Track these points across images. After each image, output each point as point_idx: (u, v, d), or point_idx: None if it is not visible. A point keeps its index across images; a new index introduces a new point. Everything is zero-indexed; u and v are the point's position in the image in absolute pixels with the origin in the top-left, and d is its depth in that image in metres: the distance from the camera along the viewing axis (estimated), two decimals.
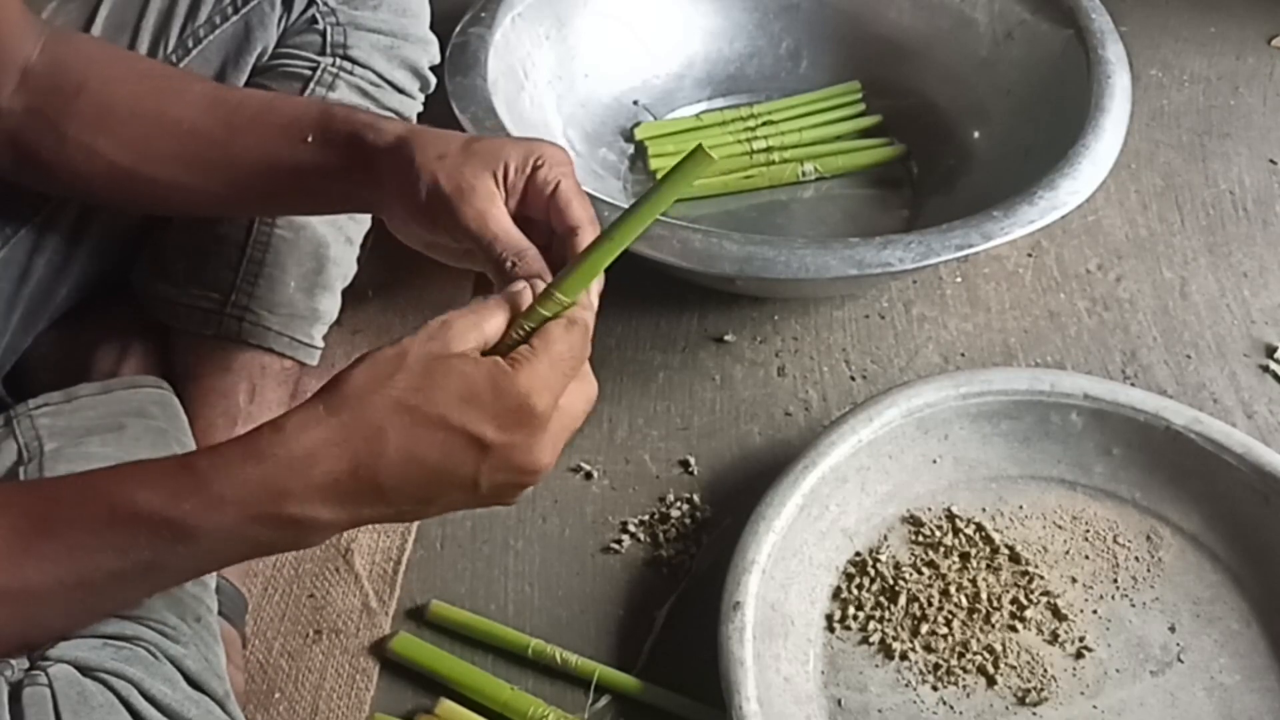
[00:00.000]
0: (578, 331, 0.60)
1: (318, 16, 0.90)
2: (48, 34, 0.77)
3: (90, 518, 0.56)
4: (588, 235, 0.66)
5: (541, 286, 0.62)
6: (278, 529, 0.56)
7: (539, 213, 0.68)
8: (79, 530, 0.55)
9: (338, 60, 0.91)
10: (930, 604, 0.90)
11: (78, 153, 0.76)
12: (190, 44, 0.89)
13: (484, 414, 0.56)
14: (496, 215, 0.66)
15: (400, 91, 0.94)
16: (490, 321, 0.60)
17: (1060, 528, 0.95)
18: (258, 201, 0.82)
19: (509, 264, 0.65)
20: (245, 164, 0.76)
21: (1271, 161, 1.32)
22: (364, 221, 0.96)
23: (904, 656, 0.87)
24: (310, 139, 0.74)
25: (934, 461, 0.97)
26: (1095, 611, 0.90)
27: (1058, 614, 0.90)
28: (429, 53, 0.96)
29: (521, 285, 0.62)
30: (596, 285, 0.63)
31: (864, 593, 0.91)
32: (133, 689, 0.56)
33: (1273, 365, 1.11)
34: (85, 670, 0.56)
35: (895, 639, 0.88)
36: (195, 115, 0.77)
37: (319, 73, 0.90)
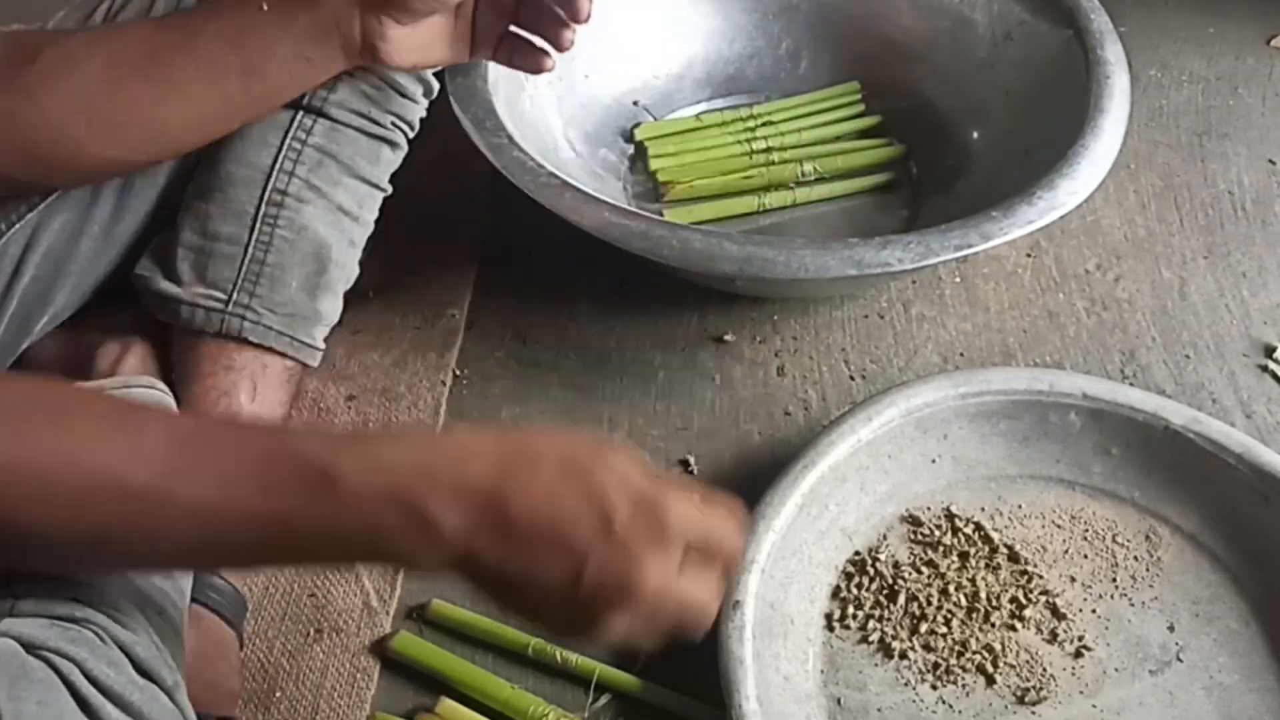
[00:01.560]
0: (733, 520, 0.62)
1: None
2: (11, 36, 0.78)
3: (254, 447, 0.56)
4: None
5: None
6: (408, 522, 0.56)
7: None
8: (236, 457, 0.56)
9: None
10: (929, 603, 0.90)
11: (46, 98, 0.77)
12: None
13: (626, 496, 0.57)
14: None
15: (403, 95, 0.94)
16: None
17: (1059, 527, 0.95)
18: (234, 92, 0.84)
19: None
20: (209, 51, 0.78)
21: (1271, 161, 1.32)
22: (367, 224, 0.97)
23: (903, 655, 0.88)
24: (265, 6, 0.77)
25: (933, 461, 0.97)
26: (1094, 611, 0.90)
27: (1057, 613, 0.90)
28: None
29: None
30: None
31: (863, 592, 0.91)
32: (75, 668, 0.57)
33: (1272, 365, 1.11)
34: (30, 647, 0.56)
35: (894, 638, 0.88)
36: (153, 30, 0.81)
37: None
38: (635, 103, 1.31)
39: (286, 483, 0.55)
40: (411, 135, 0.97)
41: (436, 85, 0.98)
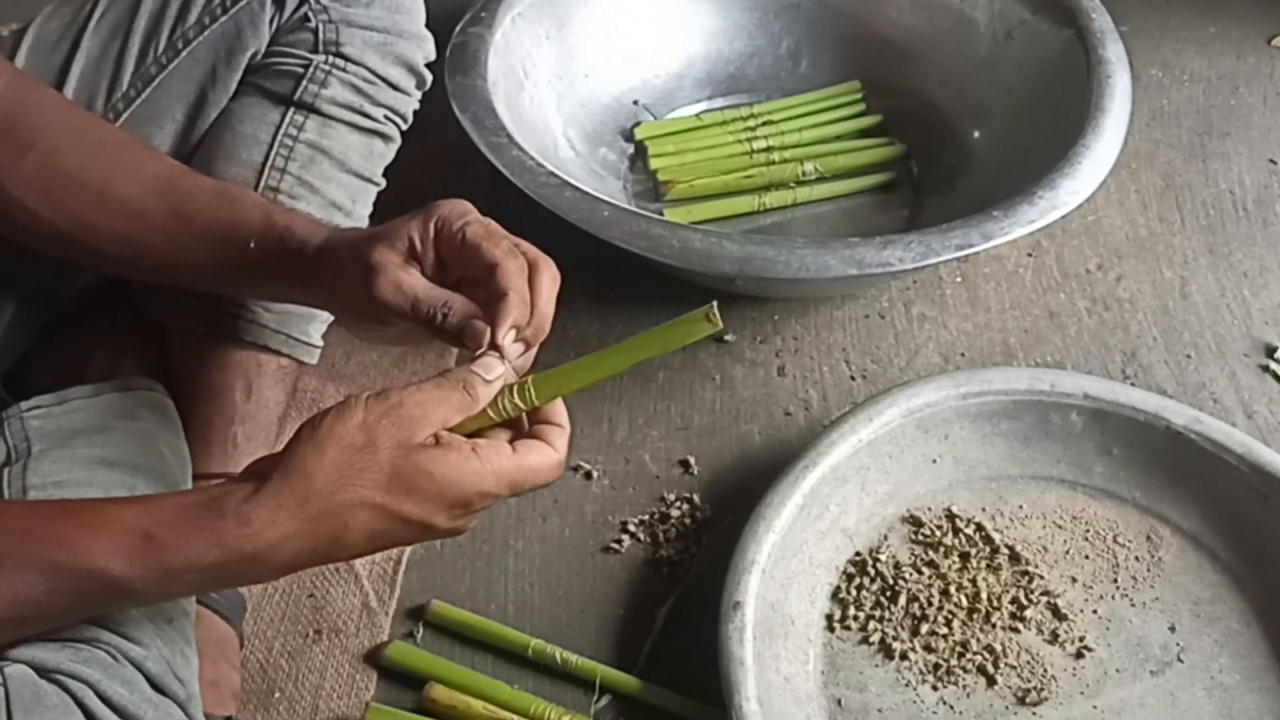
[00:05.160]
0: (556, 460, 0.64)
1: (310, 14, 0.90)
2: (8, 81, 0.76)
3: (44, 561, 0.56)
4: (509, 269, 0.66)
5: (488, 339, 0.64)
6: (224, 587, 0.60)
7: (464, 267, 0.69)
8: (29, 569, 0.56)
9: (330, 58, 0.91)
10: (930, 604, 0.90)
11: (20, 212, 0.75)
12: (180, 45, 0.89)
13: (440, 506, 0.60)
14: (410, 281, 0.67)
15: (395, 88, 0.94)
16: (448, 402, 0.62)
17: (1060, 527, 0.95)
18: (203, 286, 0.82)
19: (439, 317, 0.66)
20: (189, 255, 0.75)
21: (1271, 161, 1.32)
22: (361, 218, 0.96)
23: (904, 656, 0.87)
24: (253, 245, 0.74)
25: (934, 461, 0.97)
26: (1095, 611, 0.90)
27: (1058, 614, 0.90)
28: (424, 49, 0.96)
29: (485, 355, 0.64)
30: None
31: (864, 593, 0.91)
32: (88, 690, 0.57)
33: (1273, 365, 1.11)
34: (42, 671, 0.56)
35: (895, 639, 0.88)
36: (142, 197, 0.76)
37: (312, 70, 0.90)
38: (635, 102, 1.31)
39: (84, 594, 0.57)
40: (404, 128, 0.97)
41: (429, 77, 0.97)
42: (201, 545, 0.57)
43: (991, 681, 0.86)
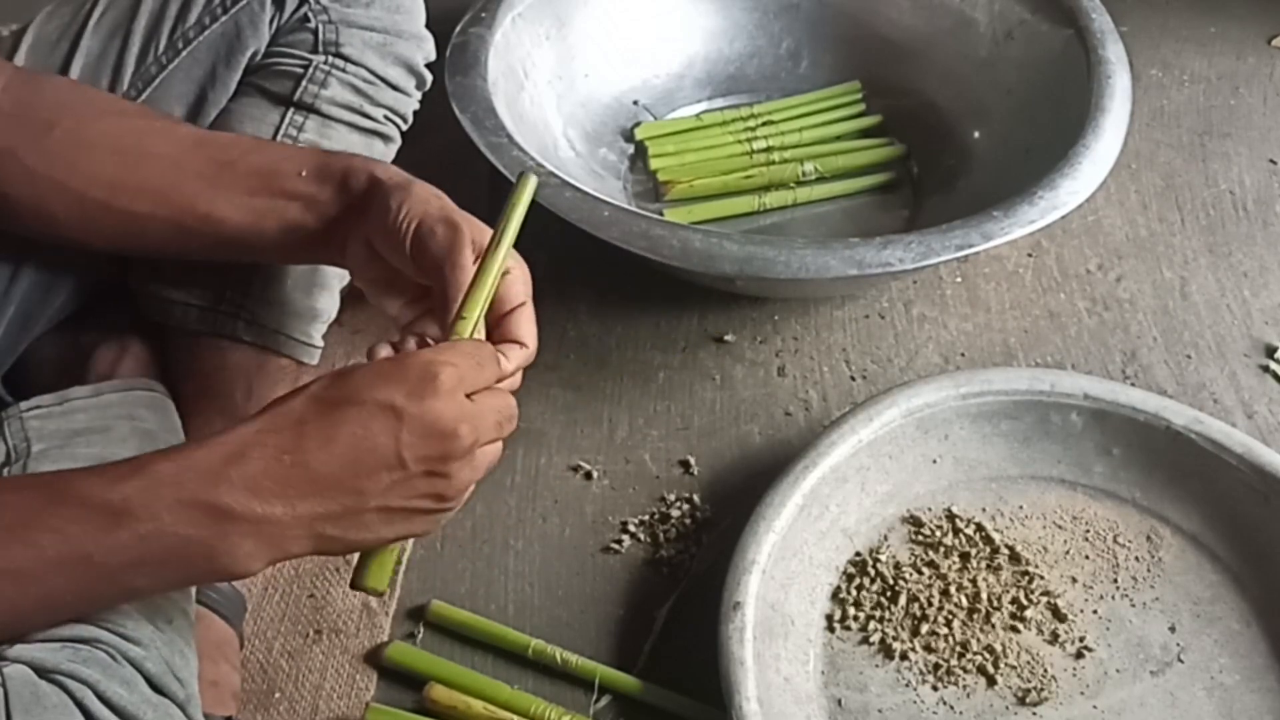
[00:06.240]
0: (484, 345, 0.65)
1: (310, 15, 0.90)
2: (13, 74, 0.76)
3: (30, 501, 0.56)
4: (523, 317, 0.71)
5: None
6: (211, 523, 0.57)
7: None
8: (17, 511, 0.56)
9: (330, 58, 0.90)
10: (930, 604, 0.90)
11: (47, 188, 0.75)
12: (180, 45, 0.89)
13: (392, 385, 0.60)
14: (466, 265, 0.69)
15: (395, 88, 0.94)
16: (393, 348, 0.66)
17: (1060, 528, 0.95)
18: (230, 237, 0.82)
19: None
20: (228, 197, 0.76)
21: (1271, 161, 1.32)
22: None
23: (904, 656, 0.87)
24: (304, 173, 0.75)
25: (934, 461, 0.97)
26: (1095, 611, 0.90)
27: (1058, 614, 0.90)
28: (423, 49, 0.96)
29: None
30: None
31: (864, 593, 0.91)
32: (88, 690, 0.57)
33: (1273, 365, 1.11)
34: (41, 671, 0.56)
35: (895, 639, 0.88)
36: (180, 151, 0.77)
37: (311, 70, 0.90)
38: (635, 102, 1.31)
39: (73, 525, 0.56)
40: (404, 128, 0.97)
41: (429, 77, 0.97)
42: (178, 450, 0.59)
43: (992, 682, 0.86)
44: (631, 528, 0.98)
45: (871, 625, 0.89)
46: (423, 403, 0.59)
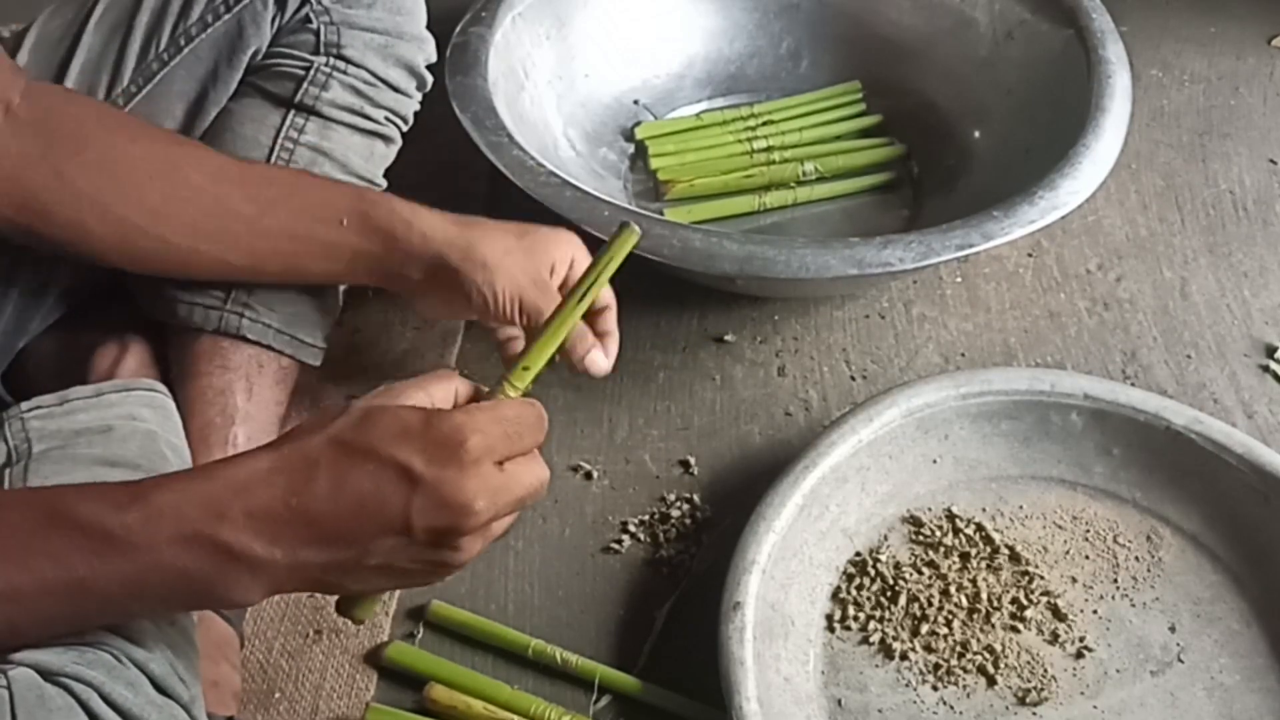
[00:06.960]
0: (531, 408, 0.61)
1: (311, 16, 0.90)
2: (29, 85, 0.76)
3: (27, 522, 0.56)
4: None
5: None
6: (211, 558, 0.55)
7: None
8: (15, 532, 0.55)
9: (331, 59, 0.91)
10: (930, 604, 0.90)
11: (89, 208, 0.76)
12: (182, 42, 0.89)
13: (413, 446, 0.56)
14: (547, 311, 0.71)
15: (396, 90, 0.94)
16: (437, 386, 0.61)
17: (1060, 528, 0.95)
18: (273, 273, 0.82)
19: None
20: (271, 239, 0.78)
21: (1271, 161, 1.32)
22: None
23: (904, 656, 0.87)
24: (345, 222, 0.75)
25: (934, 461, 0.97)
26: (1095, 611, 0.90)
27: (1058, 614, 0.90)
28: (424, 51, 0.96)
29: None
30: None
31: (864, 593, 0.91)
32: (93, 693, 0.56)
33: (1273, 365, 1.11)
34: (46, 674, 0.56)
35: (895, 639, 0.88)
36: (219, 186, 0.78)
37: (313, 73, 0.90)
38: (635, 102, 1.31)
39: (71, 551, 0.55)
40: (405, 129, 0.97)
41: (430, 79, 0.97)
42: (181, 480, 0.57)
43: (992, 681, 0.86)
44: (631, 528, 0.98)
45: (871, 625, 0.89)
46: (442, 471, 0.56)
